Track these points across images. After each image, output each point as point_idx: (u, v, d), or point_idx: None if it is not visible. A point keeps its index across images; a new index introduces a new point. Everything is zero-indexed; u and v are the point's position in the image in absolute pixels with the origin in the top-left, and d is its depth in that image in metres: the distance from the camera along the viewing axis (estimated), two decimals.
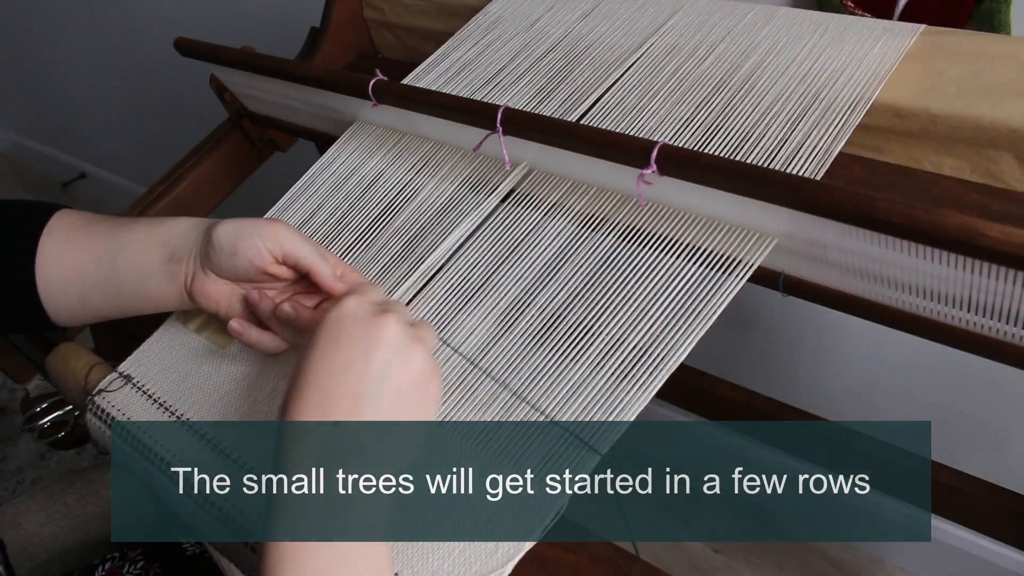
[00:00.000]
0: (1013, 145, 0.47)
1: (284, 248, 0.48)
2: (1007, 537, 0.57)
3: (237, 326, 0.49)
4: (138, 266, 0.51)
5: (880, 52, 0.51)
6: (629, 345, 0.44)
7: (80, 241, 0.51)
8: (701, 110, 0.53)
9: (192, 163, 0.77)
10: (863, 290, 0.45)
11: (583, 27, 0.63)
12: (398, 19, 0.77)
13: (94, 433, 0.54)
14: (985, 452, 0.96)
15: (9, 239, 0.51)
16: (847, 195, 0.38)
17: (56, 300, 0.51)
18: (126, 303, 0.52)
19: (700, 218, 0.47)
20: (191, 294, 0.50)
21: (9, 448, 1.54)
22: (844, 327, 0.97)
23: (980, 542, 1.04)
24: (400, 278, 0.53)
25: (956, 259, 0.37)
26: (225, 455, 0.47)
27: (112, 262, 0.51)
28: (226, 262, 0.49)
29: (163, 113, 1.67)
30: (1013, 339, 0.42)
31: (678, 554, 1.22)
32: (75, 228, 0.52)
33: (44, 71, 1.92)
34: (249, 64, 0.64)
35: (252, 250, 0.48)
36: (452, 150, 0.59)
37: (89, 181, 2.14)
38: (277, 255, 0.48)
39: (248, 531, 0.44)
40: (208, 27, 1.35)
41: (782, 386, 1.09)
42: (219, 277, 0.50)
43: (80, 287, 0.51)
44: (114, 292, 0.51)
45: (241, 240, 0.48)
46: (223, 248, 0.48)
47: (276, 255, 0.48)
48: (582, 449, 0.41)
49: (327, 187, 0.61)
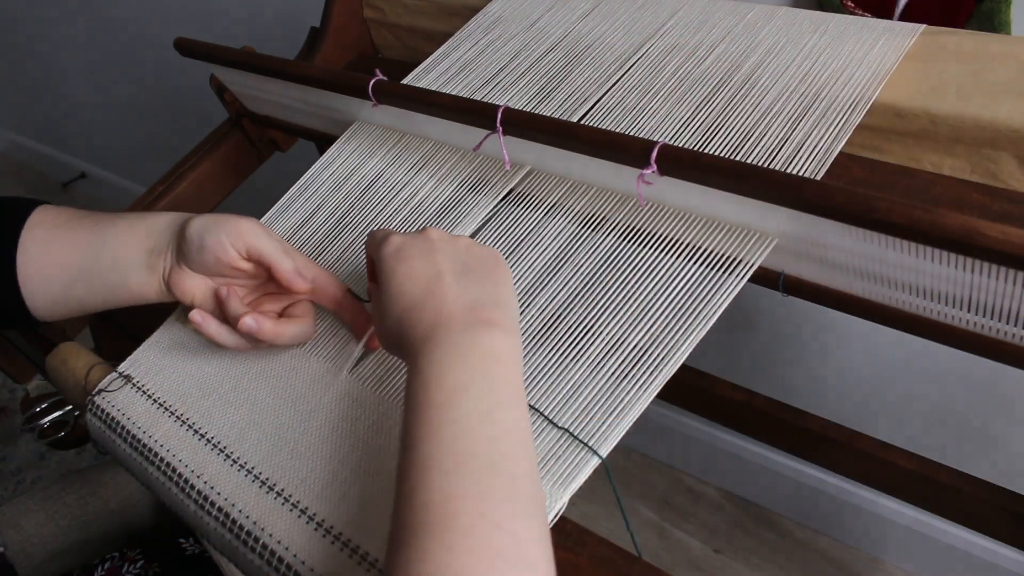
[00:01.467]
0: (1013, 145, 0.47)
1: (248, 244, 0.50)
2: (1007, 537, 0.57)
3: (198, 317, 0.50)
4: (120, 258, 0.52)
5: (880, 52, 0.51)
6: (629, 345, 0.44)
7: (63, 235, 0.52)
8: (701, 110, 0.53)
9: (192, 163, 0.77)
10: (863, 290, 0.45)
11: (583, 27, 0.63)
12: (398, 19, 0.77)
13: (94, 433, 0.54)
14: (985, 452, 0.96)
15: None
16: (847, 195, 0.38)
17: (37, 294, 0.52)
18: (109, 295, 0.53)
19: (700, 218, 0.47)
20: (169, 287, 0.52)
21: (9, 448, 1.54)
22: (844, 327, 0.97)
23: (980, 542, 1.04)
24: None
25: (956, 259, 0.37)
26: (225, 455, 0.47)
27: (96, 255, 0.52)
28: (195, 256, 0.50)
29: (163, 113, 1.67)
30: (1013, 339, 0.42)
31: (678, 554, 1.22)
32: (57, 224, 0.53)
33: (44, 71, 1.92)
34: (249, 64, 0.64)
35: (217, 245, 0.49)
36: (452, 150, 0.59)
37: (89, 181, 2.15)
38: (241, 251, 0.50)
39: (248, 531, 0.44)
40: (208, 27, 1.35)
41: (782, 386, 1.09)
42: (192, 272, 0.51)
43: (62, 280, 0.52)
44: (97, 284, 0.52)
45: (208, 235, 0.49)
46: (192, 242, 0.50)
47: (240, 251, 0.50)
48: (581, 450, 0.41)
49: (327, 187, 0.61)
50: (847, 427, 0.63)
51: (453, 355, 0.38)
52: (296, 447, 0.46)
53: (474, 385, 0.37)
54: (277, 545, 0.42)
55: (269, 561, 0.43)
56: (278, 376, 0.51)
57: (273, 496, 0.45)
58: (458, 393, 0.37)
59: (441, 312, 0.40)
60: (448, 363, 0.38)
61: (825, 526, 1.21)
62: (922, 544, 1.10)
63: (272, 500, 0.44)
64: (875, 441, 0.61)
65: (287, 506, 0.44)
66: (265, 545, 0.43)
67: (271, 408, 0.49)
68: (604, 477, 0.42)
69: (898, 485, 0.61)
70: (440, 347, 0.39)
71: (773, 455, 1.18)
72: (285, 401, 0.49)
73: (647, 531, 1.25)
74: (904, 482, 0.60)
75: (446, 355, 0.38)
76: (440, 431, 0.35)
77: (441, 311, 0.40)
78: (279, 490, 0.44)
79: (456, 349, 0.38)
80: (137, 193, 0.77)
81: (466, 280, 0.42)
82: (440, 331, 0.39)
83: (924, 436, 1.00)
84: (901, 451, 0.60)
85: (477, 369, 0.38)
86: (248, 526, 0.44)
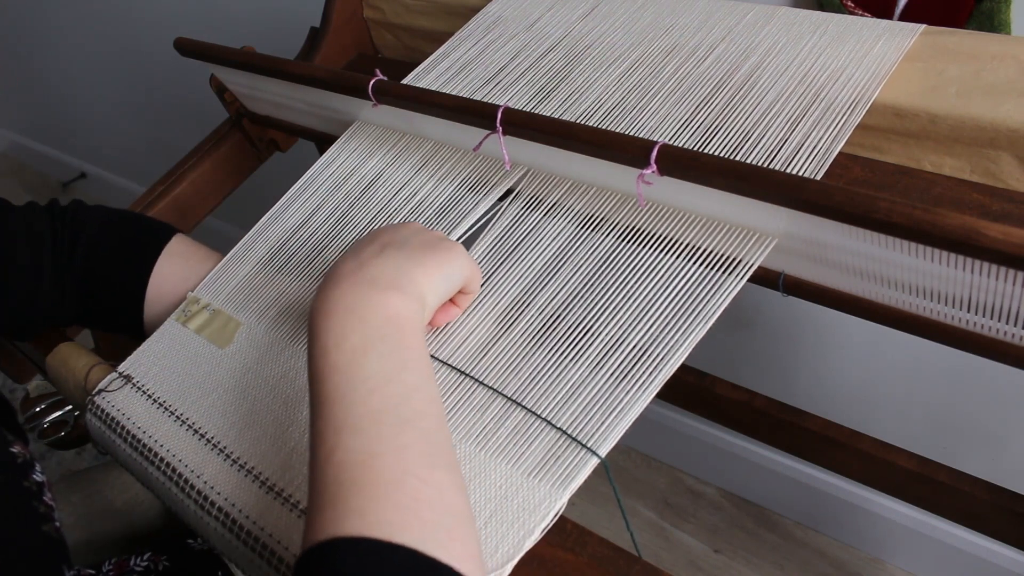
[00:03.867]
0: (1013, 145, 0.47)
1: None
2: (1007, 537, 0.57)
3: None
4: None
5: (880, 52, 0.51)
6: (629, 345, 0.44)
7: (193, 269, 0.60)
8: (701, 110, 0.53)
9: (192, 163, 0.77)
10: (863, 290, 0.45)
11: (583, 27, 0.63)
12: (398, 19, 0.77)
13: (94, 433, 0.54)
14: (985, 452, 0.96)
15: (131, 253, 0.59)
16: (847, 195, 0.38)
17: (158, 313, 0.59)
18: None
19: (700, 218, 0.47)
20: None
21: None
22: (844, 327, 0.97)
23: (980, 542, 1.04)
24: None
25: (956, 259, 0.37)
26: (225, 455, 0.47)
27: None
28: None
29: (163, 113, 1.67)
30: (1013, 339, 0.42)
31: (678, 554, 1.22)
32: (190, 256, 0.61)
33: (44, 71, 1.92)
34: (249, 64, 0.64)
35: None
36: (452, 150, 0.59)
37: (89, 181, 2.15)
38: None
39: (247, 531, 0.44)
40: (208, 27, 1.35)
41: (782, 386, 1.09)
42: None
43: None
44: None
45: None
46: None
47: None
48: (581, 450, 0.41)
49: (327, 187, 0.61)
50: (847, 427, 0.62)
51: (351, 319, 0.39)
52: (297, 447, 0.46)
53: (374, 348, 0.38)
54: (277, 545, 0.42)
55: (269, 561, 0.43)
56: (278, 376, 0.51)
57: (273, 496, 0.45)
58: (360, 355, 0.38)
59: (342, 272, 0.42)
60: (348, 328, 0.39)
61: (825, 526, 1.21)
62: (922, 544, 1.10)
63: (272, 500, 0.44)
64: (875, 441, 0.61)
65: (287, 506, 0.44)
66: (265, 545, 0.43)
67: (271, 408, 0.49)
68: (604, 477, 0.42)
69: (898, 485, 0.61)
70: (336, 312, 0.40)
71: (773, 455, 1.18)
72: (285, 401, 0.49)
73: (647, 531, 1.25)
74: (904, 482, 0.60)
75: (344, 320, 0.39)
76: (350, 393, 0.36)
77: (341, 271, 0.42)
78: (279, 490, 0.44)
79: (352, 312, 0.40)
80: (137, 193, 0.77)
81: (391, 251, 0.43)
82: (335, 292, 0.40)
83: (924, 436, 1.00)
84: (901, 451, 0.60)
85: (376, 333, 0.39)
86: (248, 526, 0.44)
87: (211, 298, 0.57)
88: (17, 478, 0.46)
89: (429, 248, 0.45)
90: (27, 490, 0.46)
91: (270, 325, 0.54)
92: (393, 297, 0.41)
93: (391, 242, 0.44)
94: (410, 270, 0.43)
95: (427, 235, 0.46)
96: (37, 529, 0.45)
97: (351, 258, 0.43)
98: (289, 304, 0.55)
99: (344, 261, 0.43)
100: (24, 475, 0.47)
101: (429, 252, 0.44)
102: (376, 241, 0.44)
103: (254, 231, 0.61)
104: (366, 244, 0.44)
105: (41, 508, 0.46)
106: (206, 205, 0.78)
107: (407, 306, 0.41)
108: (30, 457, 0.49)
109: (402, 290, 0.41)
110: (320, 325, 0.40)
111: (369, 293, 0.40)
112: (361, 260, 0.43)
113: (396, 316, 0.40)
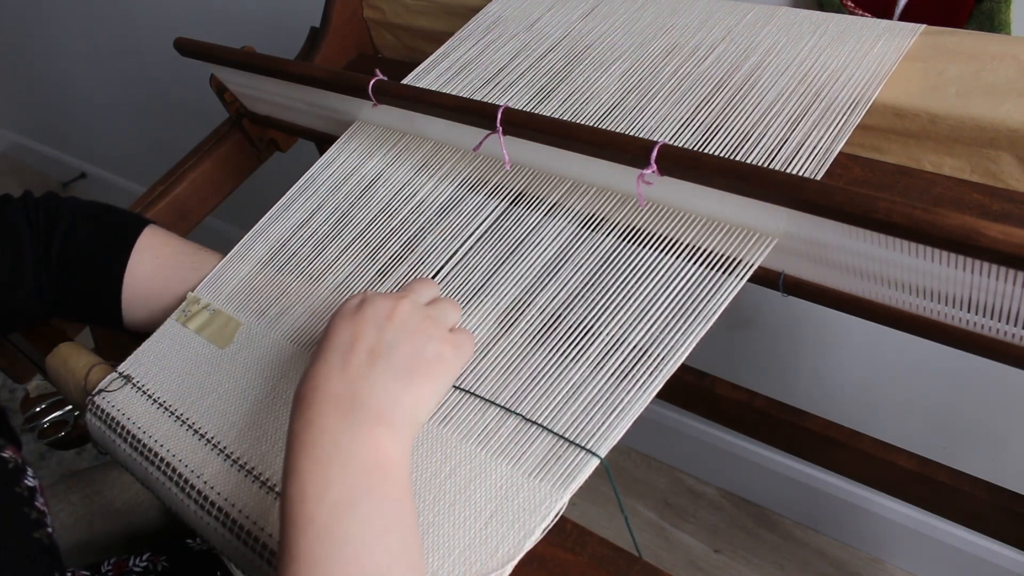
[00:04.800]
0: (1013, 145, 0.47)
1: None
2: (1007, 537, 0.57)
3: None
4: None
5: (880, 52, 0.51)
6: (629, 345, 0.44)
7: (167, 260, 0.60)
8: (701, 110, 0.53)
9: (192, 163, 0.77)
10: (863, 290, 0.45)
11: (583, 27, 0.63)
12: (398, 19, 0.77)
13: (94, 433, 0.54)
14: (985, 452, 0.96)
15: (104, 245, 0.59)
16: (847, 195, 0.38)
17: (137, 309, 0.59)
18: None
19: (700, 218, 0.47)
20: None
21: None
22: (844, 327, 0.97)
23: (980, 542, 1.04)
24: (400, 278, 0.53)
25: (956, 259, 0.37)
26: (225, 455, 0.47)
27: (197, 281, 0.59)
28: None
29: (163, 113, 1.67)
30: (1013, 339, 0.42)
31: (678, 554, 1.22)
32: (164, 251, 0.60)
33: (44, 71, 1.92)
34: (249, 64, 0.64)
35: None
36: (452, 150, 0.59)
37: (89, 181, 2.15)
38: None
39: (247, 531, 0.44)
40: (208, 27, 1.35)
41: (782, 386, 1.09)
42: None
43: (162, 302, 0.59)
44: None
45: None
46: None
47: None
48: (581, 450, 0.41)
49: (327, 187, 0.61)
50: (847, 427, 0.62)
51: (334, 465, 0.37)
52: None
53: (357, 506, 0.36)
54: (277, 545, 0.42)
55: (269, 561, 0.43)
56: (278, 376, 0.51)
57: (273, 496, 0.45)
58: (341, 512, 0.36)
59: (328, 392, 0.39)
60: (331, 476, 0.36)
61: (825, 526, 1.21)
62: (922, 544, 1.10)
63: (273, 500, 0.44)
64: (875, 441, 0.61)
65: None
66: (265, 545, 0.43)
67: (271, 408, 0.49)
68: (604, 477, 0.42)
69: (898, 485, 0.61)
70: (318, 446, 0.37)
71: (773, 455, 1.18)
72: (286, 401, 0.49)
73: (647, 531, 1.25)
74: (904, 482, 0.60)
75: (328, 463, 0.37)
76: (325, 560, 0.35)
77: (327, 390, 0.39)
78: (279, 490, 0.44)
79: (337, 451, 0.37)
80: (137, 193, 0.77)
81: (381, 365, 0.40)
82: (320, 420, 0.38)
83: (924, 436, 1.00)
84: (901, 451, 0.60)
85: (361, 486, 0.36)
86: (248, 526, 0.44)
87: (211, 298, 0.57)
88: (8, 484, 0.45)
89: (423, 364, 0.41)
90: (18, 496, 0.45)
91: (270, 325, 0.54)
92: (383, 436, 0.38)
93: (378, 349, 0.40)
94: (400, 396, 0.40)
95: (418, 338, 0.42)
96: (28, 536, 0.44)
97: (337, 371, 0.40)
98: (289, 304, 0.55)
99: (329, 372, 0.40)
100: (15, 480, 0.46)
101: (423, 370, 0.41)
102: (361, 344, 0.41)
103: (254, 231, 0.61)
104: (351, 348, 0.41)
105: (33, 514, 0.45)
106: (206, 205, 0.78)
107: (395, 446, 0.38)
108: (22, 462, 0.47)
109: (392, 425, 0.39)
110: (300, 461, 0.37)
111: (357, 429, 0.38)
112: (349, 378, 0.40)
113: (385, 462, 0.38)
